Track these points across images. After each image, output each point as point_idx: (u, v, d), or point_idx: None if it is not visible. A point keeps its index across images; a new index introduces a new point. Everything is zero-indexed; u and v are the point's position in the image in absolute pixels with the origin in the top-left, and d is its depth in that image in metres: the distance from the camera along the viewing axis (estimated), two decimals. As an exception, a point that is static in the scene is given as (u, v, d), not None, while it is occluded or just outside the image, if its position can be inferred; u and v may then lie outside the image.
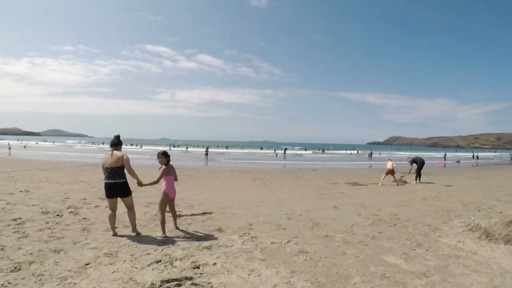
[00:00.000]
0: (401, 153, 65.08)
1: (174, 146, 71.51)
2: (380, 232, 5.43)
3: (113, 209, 4.85)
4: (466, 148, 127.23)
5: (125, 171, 4.82)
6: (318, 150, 72.74)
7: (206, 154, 32.68)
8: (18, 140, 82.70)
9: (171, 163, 5.27)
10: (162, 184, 5.12)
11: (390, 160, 13.83)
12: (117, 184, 4.71)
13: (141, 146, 69.44)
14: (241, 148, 71.90)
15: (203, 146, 55.04)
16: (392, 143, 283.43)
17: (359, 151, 64.65)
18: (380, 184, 12.68)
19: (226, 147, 75.75)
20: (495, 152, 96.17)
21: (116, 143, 4.88)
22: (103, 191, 4.89)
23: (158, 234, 5.00)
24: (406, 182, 13.50)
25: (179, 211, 7.06)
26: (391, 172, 13.06)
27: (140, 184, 4.95)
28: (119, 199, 4.84)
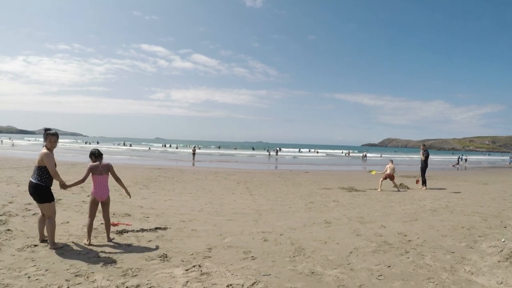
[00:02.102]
0: (397, 155, 63.63)
1: (164, 146, 69.69)
2: (389, 266, 3.84)
3: (43, 212, 4.22)
4: (462, 151, 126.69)
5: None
6: (309, 151, 70.40)
7: (193, 154, 31.14)
8: (10, 139, 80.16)
9: (108, 161, 4.78)
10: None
11: (392, 162, 12.05)
12: (30, 183, 4.09)
13: (131, 145, 67.70)
14: (235, 149, 69.99)
15: (193, 146, 53.34)
16: (387, 145, 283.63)
17: (350, 153, 62.50)
18: (379, 190, 11.17)
19: (218, 147, 73.97)
20: (489, 155, 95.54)
21: (44, 139, 4.21)
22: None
23: (84, 241, 4.45)
24: (408, 188, 12.00)
25: (127, 224, 5.53)
26: (390, 177, 11.56)
27: (63, 186, 4.26)
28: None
